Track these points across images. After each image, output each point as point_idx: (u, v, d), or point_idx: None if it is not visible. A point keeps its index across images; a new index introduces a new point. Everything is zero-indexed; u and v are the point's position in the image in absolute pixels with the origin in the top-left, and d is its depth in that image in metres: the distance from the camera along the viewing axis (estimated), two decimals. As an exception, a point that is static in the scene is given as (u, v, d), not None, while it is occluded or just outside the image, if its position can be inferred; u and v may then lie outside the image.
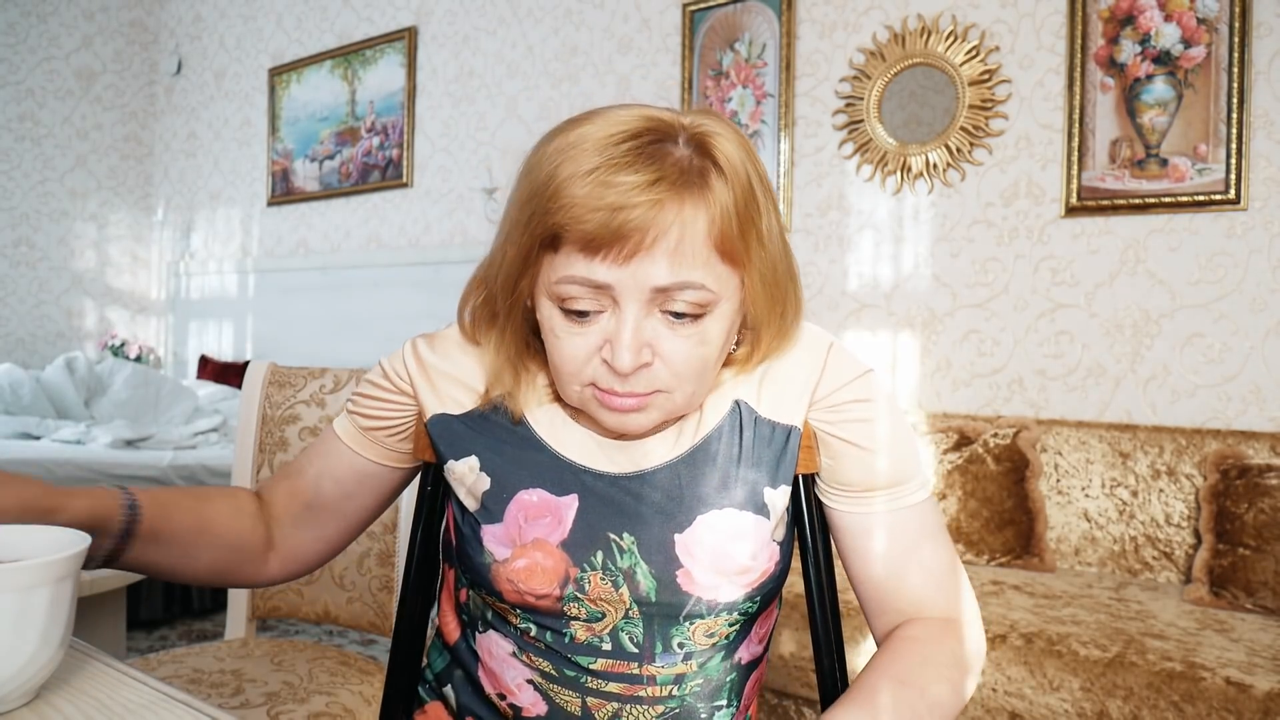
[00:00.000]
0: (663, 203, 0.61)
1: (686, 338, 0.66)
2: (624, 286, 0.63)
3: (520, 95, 3.66)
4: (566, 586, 0.73)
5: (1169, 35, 2.35)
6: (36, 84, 4.82)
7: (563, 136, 0.64)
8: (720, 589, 0.72)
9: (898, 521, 0.75)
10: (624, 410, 0.68)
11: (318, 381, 1.52)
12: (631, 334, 0.64)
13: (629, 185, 0.61)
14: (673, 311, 0.65)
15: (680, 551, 0.72)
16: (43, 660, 0.58)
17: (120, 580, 1.59)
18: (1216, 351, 2.32)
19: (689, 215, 0.62)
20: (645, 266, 0.63)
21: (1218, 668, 1.62)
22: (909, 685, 0.68)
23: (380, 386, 0.82)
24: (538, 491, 0.74)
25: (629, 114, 0.65)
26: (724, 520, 0.73)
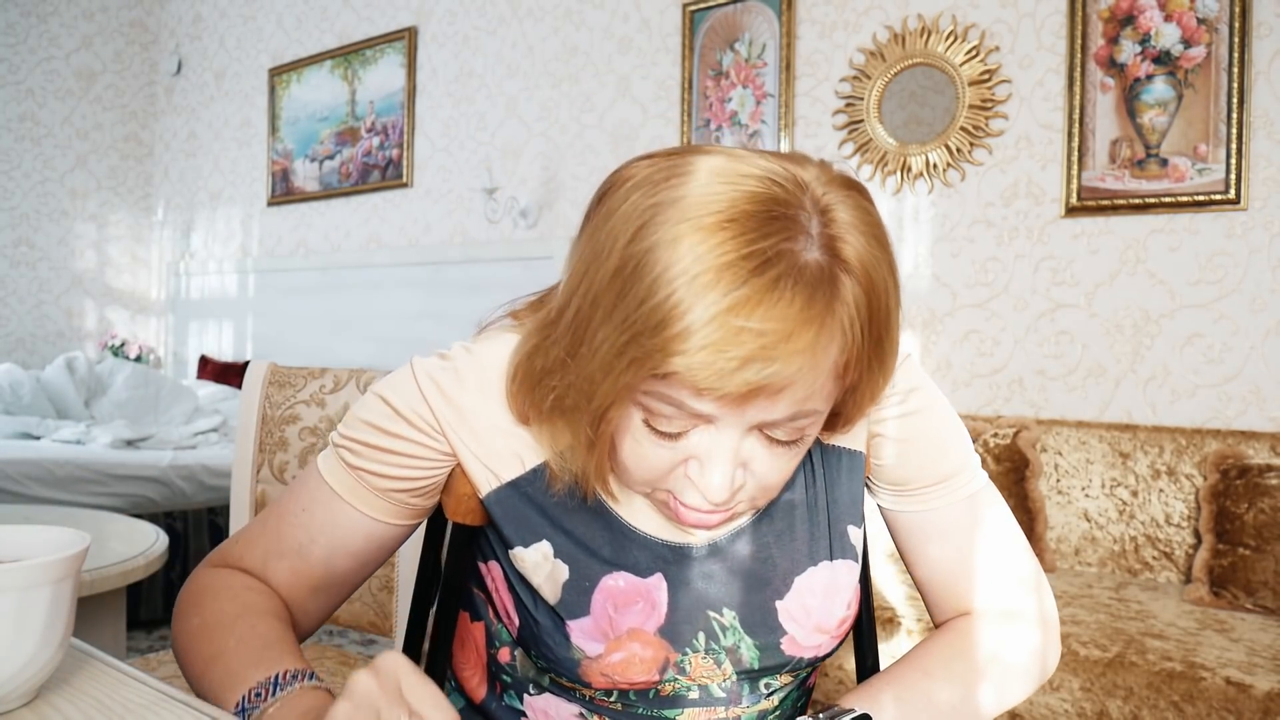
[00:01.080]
0: (801, 352, 0.50)
1: (783, 457, 0.59)
2: (729, 420, 0.55)
3: (520, 95, 3.65)
4: (666, 671, 0.67)
5: (1169, 35, 2.35)
6: (36, 84, 4.82)
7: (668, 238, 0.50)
8: (821, 645, 0.70)
9: (956, 513, 0.72)
10: (703, 525, 0.61)
11: (318, 381, 1.52)
12: (729, 464, 0.57)
13: (767, 336, 0.49)
14: (775, 438, 0.58)
15: (784, 619, 0.69)
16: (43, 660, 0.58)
17: (120, 580, 1.59)
18: (1216, 351, 2.32)
19: (821, 356, 0.52)
20: (762, 406, 0.54)
21: (1218, 668, 1.62)
22: (932, 677, 0.67)
23: (392, 433, 0.67)
24: (622, 575, 0.67)
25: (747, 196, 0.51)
26: (821, 576, 0.70)
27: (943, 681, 0.67)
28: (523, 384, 0.63)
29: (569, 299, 0.57)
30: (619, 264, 0.52)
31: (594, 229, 0.57)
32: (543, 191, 3.55)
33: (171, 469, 3.08)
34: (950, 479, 0.72)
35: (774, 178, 0.53)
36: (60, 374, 3.79)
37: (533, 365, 0.62)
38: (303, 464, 1.50)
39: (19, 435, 3.35)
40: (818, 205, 0.53)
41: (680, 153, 0.56)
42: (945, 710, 0.66)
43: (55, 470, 2.91)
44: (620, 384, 0.53)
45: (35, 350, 4.83)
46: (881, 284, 0.54)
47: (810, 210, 0.53)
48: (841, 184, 0.56)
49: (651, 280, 0.50)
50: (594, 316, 0.54)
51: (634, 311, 0.51)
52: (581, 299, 0.55)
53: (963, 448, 0.73)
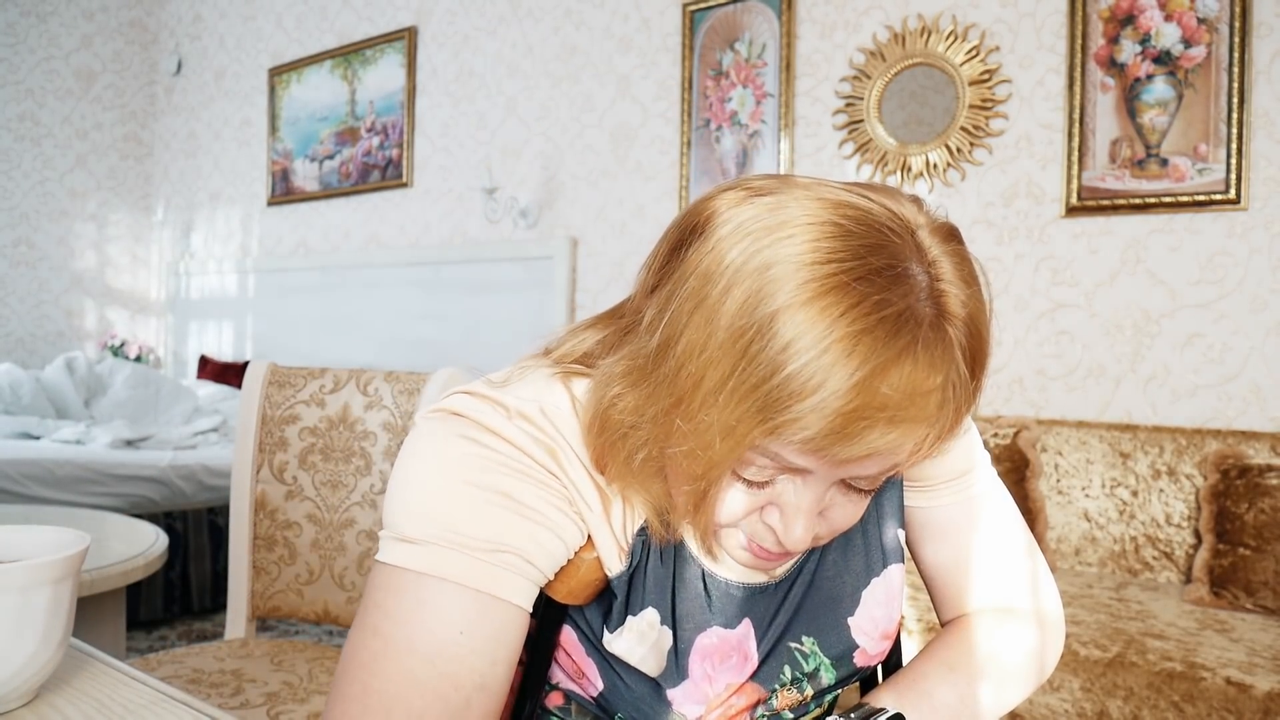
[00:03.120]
0: (925, 418, 0.50)
1: (858, 502, 0.59)
2: (822, 474, 0.53)
3: (520, 95, 3.65)
4: (756, 710, 0.67)
5: (1169, 35, 2.35)
6: (36, 84, 4.82)
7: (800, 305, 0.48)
8: (884, 651, 0.72)
9: (966, 511, 0.74)
10: (768, 567, 0.61)
11: (318, 381, 1.52)
12: (813, 516, 0.55)
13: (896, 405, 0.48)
14: (858, 488, 0.57)
15: (856, 634, 0.69)
16: (42, 660, 0.57)
17: (120, 580, 1.59)
18: (1217, 351, 2.32)
19: (942, 416, 0.51)
20: (859, 467, 0.52)
21: (1218, 668, 1.62)
22: (957, 671, 0.68)
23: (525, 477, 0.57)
24: (715, 631, 0.64)
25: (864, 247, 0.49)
26: (883, 585, 0.71)
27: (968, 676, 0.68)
28: (604, 435, 0.57)
29: (667, 346, 0.52)
30: (738, 330, 0.49)
31: (696, 274, 0.52)
32: (543, 191, 3.55)
33: (171, 469, 3.08)
34: (959, 478, 0.73)
35: (881, 224, 0.51)
36: (60, 374, 3.79)
37: (619, 416, 0.56)
38: (303, 464, 1.50)
39: (19, 435, 3.35)
40: (925, 257, 0.52)
41: (773, 190, 0.53)
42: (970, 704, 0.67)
43: (55, 470, 2.91)
44: (743, 444, 0.50)
45: (35, 350, 4.83)
46: (982, 332, 0.54)
47: (919, 262, 0.51)
48: (944, 234, 0.55)
49: (779, 350, 0.48)
50: (709, 373, 0.50)
51: (765, 376, 0.48)
52: (690, 353, 0.51)
53: (973, 448, 0.74)
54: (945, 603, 0.77)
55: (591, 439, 0.58)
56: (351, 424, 1.50)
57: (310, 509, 1.50)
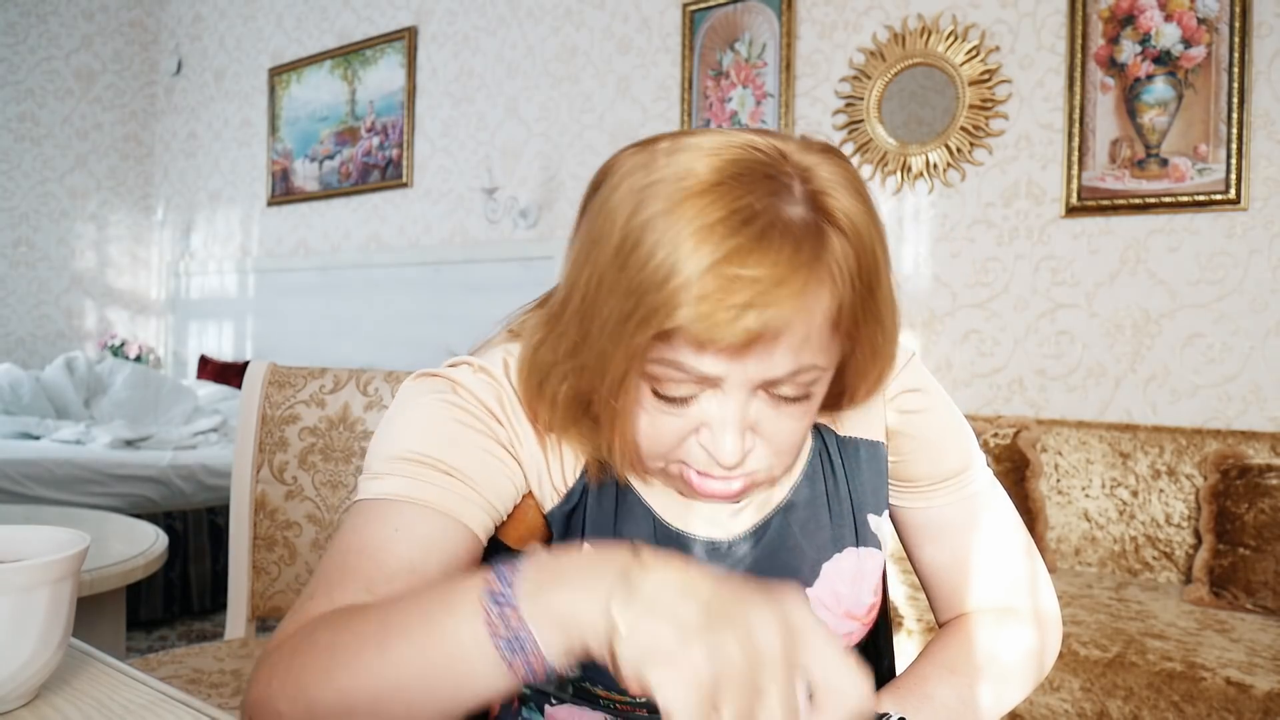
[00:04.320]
0: (793, 296, 0.52)
1: (791, 416, 0.60)
2: (734, 379, 0.56)
3: (520, 95, 3.65)
4: None
5: (1169, 35, 2.35)
6: (36, 84, 4.82)
7: (661, 207, 0.53)
8: (853, 633, 0.71)
9: (961, 510, 0.74)
10: (720, 496, 0.61)
11: (318, 381, 1.52)
12: (737, 425, 0.57)
13: (759, 283, 0.51)
14: (781, 395, 0.58)
15: (815, 607, 0.70)
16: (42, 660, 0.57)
17: (120, 580, 1.59)
18: (1217, 351, 2.32)
19: (812, 302, 0.54)
20: (763, 361, 0.55)
21: (1218, 668, 1.62)
22: (957, 673, 0.68)
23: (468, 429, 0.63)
24: None
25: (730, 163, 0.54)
26: (847, 562, 0.71)
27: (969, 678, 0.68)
28: (530, 380, 0.63)
29: (572, 288, 0.58)
30: (620, 240, 0.54)
31: (591, 218, 0.58)
32: (543, 191, 3.55)
33: (171, 469, 3.08)
34: (954, 478, 0.74)
35: (755, 146, 0.56)
36: (60, 374, 3.79)
37: (541, 359, 0.62)
38: (303, 464, 1.50)
39: (19, 435, 3.35)
40: (798, 167, 0.56)
41: (667, 136, 0.59)
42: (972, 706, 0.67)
43: (55, 470, 2.91)
44: (632, 347, 0.54)
45: (35, 350, 4.83)
46: (868, 236, 0.56)
47: (792, 172, 0.56)
48: (820, 149, 0.59)
49: (651, 245, 0.53)
50: (600, 294, 0.55)
51: (636, 276, 0.53)
52: (586, 283, 0.57)
53: (967, 447, 0.75)
54: (943, 603, 0.77)
55: (521, 388, 0.64)
56: (351, 424, 1.50)
57: (310, 509, 1.50)
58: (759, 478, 0.62)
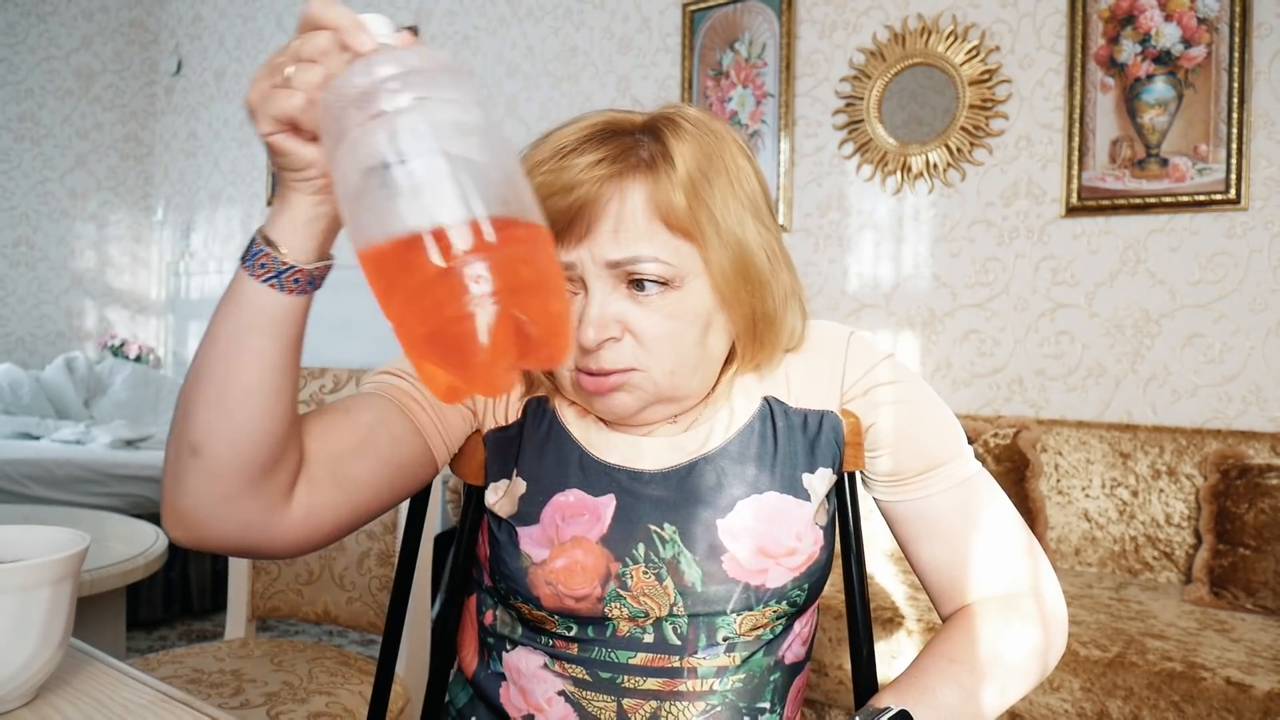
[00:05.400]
0: (606, 179, 0.66)
1: (655, 310, 0.67)
2: (584, 265, 0.67)
3: (520, 95, 3.65)
4: (608, 584, 0.71)
5: (1169, 35, 2.35)
6: (36, 84, 4.81)
7: (539, 140, 0.70)
8: (769, 573, 0.72)
9: (951, 501, 0.75)
10: (600, 391, 0.69)
11: (318, 382, 1.52)
12: (596, 309, 0.66)
13: (576, 167, 0.66)
14: (637, 283, 0.67)
15: (724, 536, 0.72)
16: (42, 660, 0.57)
17: (120, 580, 1.59)
18: (1217, 351, 2.32)
19: (629, 190, 0.66)
20: (597, 242, 0.66)
21: (1218, 668, 1.62)
22: (958, 663, 0.69)
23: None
24: (574, 492, 0.74)
25: (600, 114, 0.70)
26: (765, 503, 0.73)
27: (970, 667, 0.69)
28: None
29: None
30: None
31: None
32: (543, 191, 3.55)
33: (171, 469, 3.08)
34: (939, 467, 0.75)
35: (625, 113, 0.71)
36: (60, 374, 3.79)
37: None
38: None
39: (19, 435, 3.35)
40: (655, 120, 0.70)
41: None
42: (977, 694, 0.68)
43: (55, 470, 2.91)
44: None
45: (35, 350, 4.83)
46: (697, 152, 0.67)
47: (645, 113, 0.70)
48: (688, 112, 0.71)
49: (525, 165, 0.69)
50: None
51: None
52: None
53: (952, 437, 0.76)
54: (943, 596, 0.77)
55: None
56: (351, 424, 1.50)
57: (310, 509, 1.49)
58: (638, 380, 0.69)
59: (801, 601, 0.74)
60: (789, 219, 2.95)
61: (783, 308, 0.73)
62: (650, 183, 0.66)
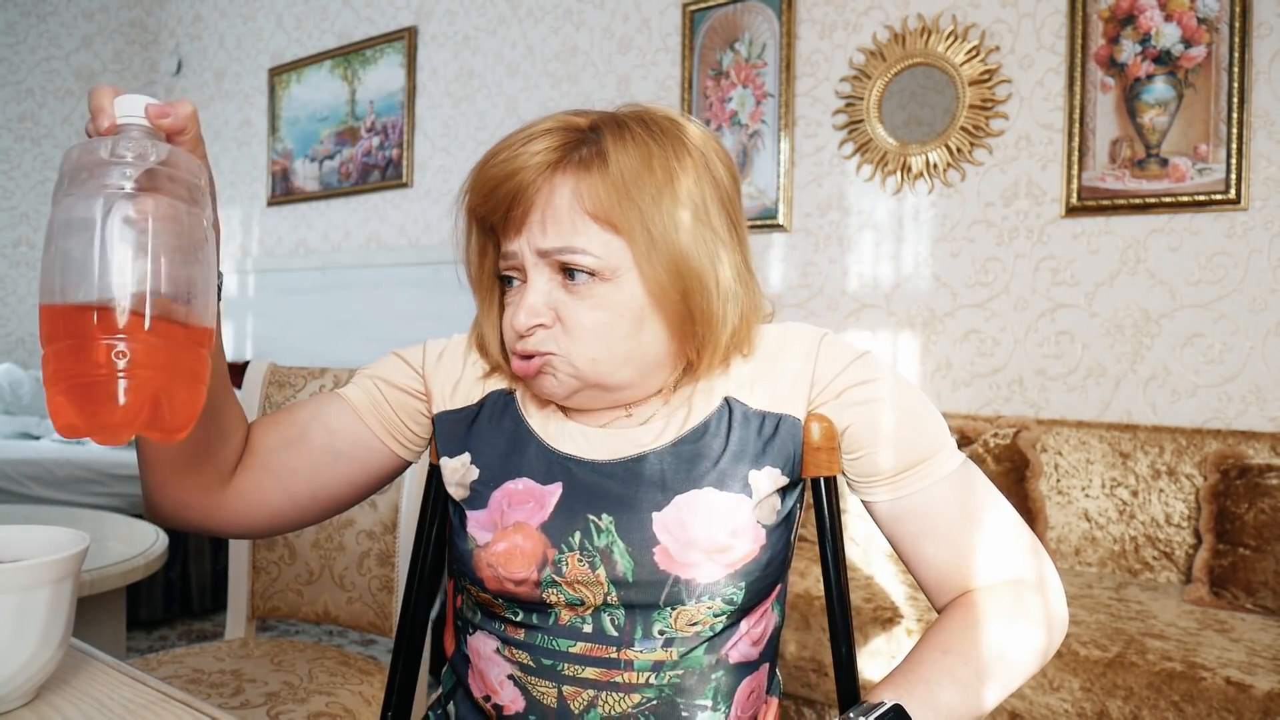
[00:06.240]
0: (540, 169, 0.70)
1: (583, 299, 0.71)
2: (522, 253, 0.72)
3: (520, 95, 3.65)
4: (544, 569, 0.72)
5: (1169, 35, 2.35)
6: (36, 84, 4.82)
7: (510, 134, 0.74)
8: (699, 567, 0.71)
9: (938, 496, 0.74)
10: (526, 374, 0.73)
11: (318, 381, 1.52)
12: (530, 296, 0.71)
13: (519, 158, 0.70)
14: (568, 272, 0.71)
15: (657, 529, 0.72)
16: (42, 660, 0.58)
17: (120, 580, 1.59)
18: (1217, 351, 2.32)
19: (559, 183, 0.70)
20: (531, 231, 0.71)
21: (1218, 668, 1.62)
22: (953, 654, 0.69)
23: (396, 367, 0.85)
24: (524, 480, 0.77)
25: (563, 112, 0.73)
26: (702, 499, 0.73)
27: (964, 658, 0.69)
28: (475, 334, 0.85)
29: None
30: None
31: None
32: (543, 191, 3.55)
33: (171, 469, 3.08)
34: (924, 462, 0.74)
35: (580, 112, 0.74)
36: (60, 374, 3.79)
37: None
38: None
39: (19, 435, 3.35)
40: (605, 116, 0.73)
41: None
42: (971, 686, 0.67)
43: (55, 470, 2.91)
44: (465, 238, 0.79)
45: (35, 350, 4.82)
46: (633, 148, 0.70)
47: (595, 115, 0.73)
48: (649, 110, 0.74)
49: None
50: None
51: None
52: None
53: (934, 430, 0.75)
54: (944, 587, 0.76)
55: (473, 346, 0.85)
56: (351, 424, 1.50)
57: (310, 509, 1.49)
58: (559, 365, 0.72)
59: (740, 600, 0.73)
60: (789, 219, 2.95)
61: (723, 310, 0.73)
62: (578, 177, 0.70)
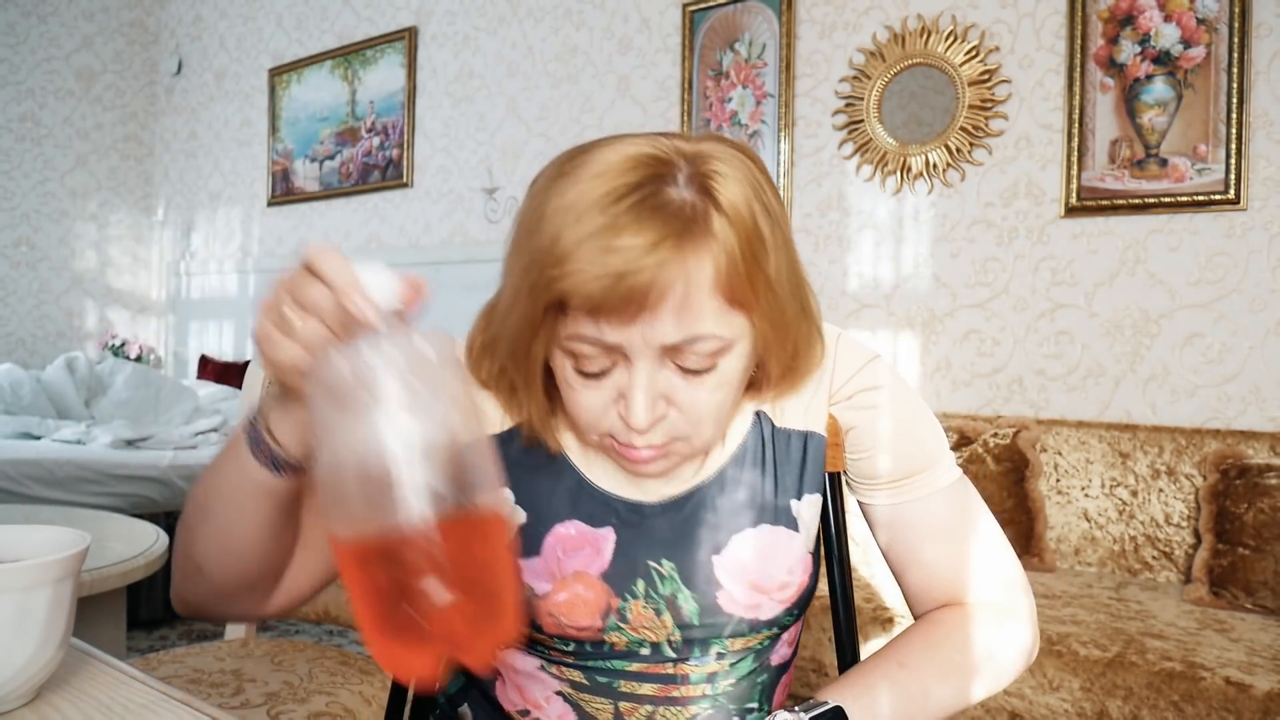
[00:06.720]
0: (666, 262, 0.58)
1: (701, 385, 0.64)
2: (633, 345, 0.61)
3: (520, 95, 3.66)
4: (608, 617, 0.72)
5: (1169, 35, 2.35)
6: (37, 84, 4.82)
7: (559, 195, 0.60)
8: (761, 607, 0.73)
9: (931, 508, 0.75)
10: (643, 461, 0.66)
11: (318, 381, 1.52)
12: (645, 391, 0.62)
13: (632, 249, 0.57)
14: (687, 366, 0.63)
15: (719, 573, 0.72)
16: (43, 660, 0.58)
17: (120, 580, 1.59)
18: (1216, 351, 2.32)
19: (692, 268, 0.59)
20: (653, 326, 0.60)
21: (1217, 668, 1.62)
22: (907, 668, 0.69)
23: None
24: (574, 524, 0.73)
25: (625, 157, 0.60)
26: (758, 538, 0.73)
27: (919, 673, 0.69)
28: (477, 359, 0.73)
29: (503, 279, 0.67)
30: (525, 227, 0.63)
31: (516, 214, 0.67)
32: (543, 191, 3.55)
33: (172, 469, 3.08)
34: (924, 472, 0.75)
35: (651, 142, 0.62)
36: (60, 374, 3.79)
37: (481, 338, 0.72)
38: (303, 464, 1.50)
39: (19, 435, 3.35)
40: (689, 155, 0.61)
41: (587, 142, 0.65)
42: (920, 702, 0.67)
43: (55, 470, 2.91)
44: (527, 317, 0.62)
45: (35, 350, 4.83)
46: (748, 214, 0.61)
47: (680, 160, 0.61)
48: (722, 140, 0.64)
49: (543, 224, 0.60)
50: (508, 274, 0.65)
51: (530, 253, 0.61)
52: (504, 268, 0.66)
53: (936, 442, 0.76)
54: (926, 597, 0.77)
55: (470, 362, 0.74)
56: (351, 424, 1.50)
57: (310, 509, 1.49)
58: (679, 448, 0.67)
59: (791, 623, 0.76)
60: (789, 219, 2.95)
61: (809, 335, 0.70)
62: (713, 257, 0.60)
